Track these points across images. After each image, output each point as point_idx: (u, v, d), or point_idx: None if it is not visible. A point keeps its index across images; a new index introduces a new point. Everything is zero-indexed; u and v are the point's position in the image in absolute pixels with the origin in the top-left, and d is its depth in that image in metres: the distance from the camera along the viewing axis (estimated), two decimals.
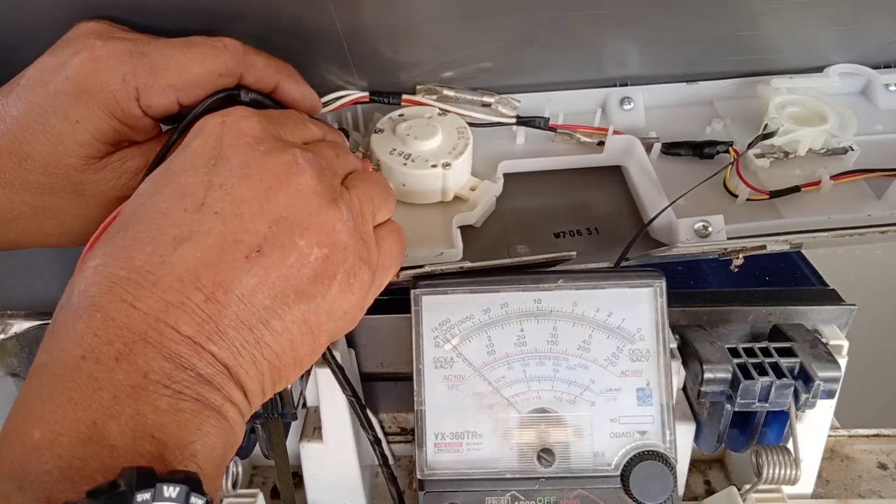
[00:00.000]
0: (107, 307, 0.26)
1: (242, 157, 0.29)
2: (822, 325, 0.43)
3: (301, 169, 0.30)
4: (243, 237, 0.28)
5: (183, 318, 0.26)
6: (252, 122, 0.31)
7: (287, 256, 0.29)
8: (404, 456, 0.51)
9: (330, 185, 0.31)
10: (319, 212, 0.30)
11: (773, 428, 0.41)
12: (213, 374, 0.27)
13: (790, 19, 0.45)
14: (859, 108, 0.50)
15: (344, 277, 0.30)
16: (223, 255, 0.27)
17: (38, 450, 0.23)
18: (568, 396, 0.38)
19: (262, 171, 0.29)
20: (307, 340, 0.30)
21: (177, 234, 0.27)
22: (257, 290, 0.28)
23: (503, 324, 0.38)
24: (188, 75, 0.34)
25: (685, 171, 0.47)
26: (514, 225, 0.46)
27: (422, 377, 0.38)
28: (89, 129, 0.33)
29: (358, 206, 0.32)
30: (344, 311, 0.31)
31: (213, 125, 0.31)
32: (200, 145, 0.30)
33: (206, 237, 0.27)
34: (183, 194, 0.28)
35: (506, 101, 0.47)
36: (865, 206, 0.44)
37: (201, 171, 0.29)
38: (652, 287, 0.38)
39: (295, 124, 0.35)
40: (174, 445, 0.25)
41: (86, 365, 0.25)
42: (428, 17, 0.41)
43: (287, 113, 0.36)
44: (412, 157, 0.43)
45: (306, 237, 0.29)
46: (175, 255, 0.27)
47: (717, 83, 0.51)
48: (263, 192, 0.29)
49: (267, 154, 0.30)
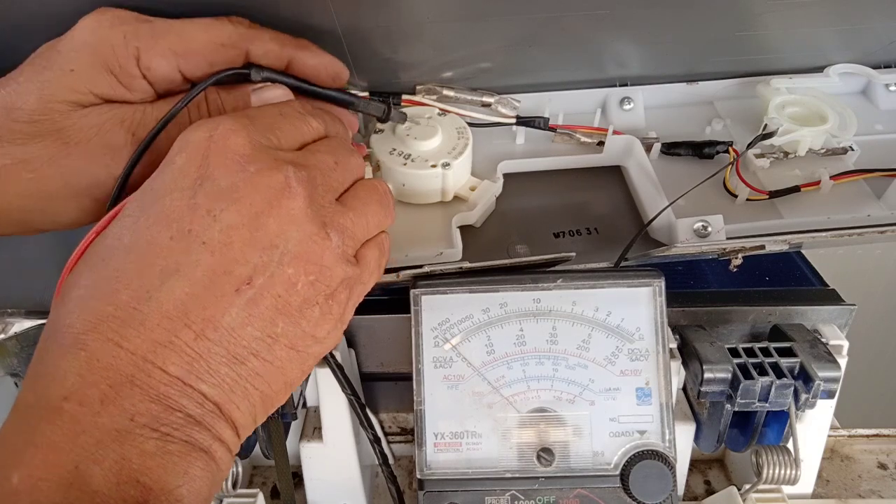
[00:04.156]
0: (91, 346, 0.25)
1: (231, 179, 0.28)
2: (822, 325, 0.43)
3: (293, 193, 0.29)
4: (233, 268, 0.27)
5: (171, 357, 0.25)
6: (241, 138, 0.29)
7: (276, 286, 0.28)
8: (404, 456, 0.51)
9: (322, 207, 0.30)
10: (309, 239, 0.29)
11: (773, 428, 0.41)
12: (203, 413, 0.26)
13: (790, 19, 0.45)
14: (859, 108, 0.50)
15: (324, 300, 0.30)
16: (212, 288, 0.26)
17: (15, 495, 0.22)
18: (567, 396, 0.38)
19: (252, 195, 0.28)
20: (296, 364, 0.29)
21: (163, 267, 0.26)
22: (247, 322, 0.27)
23: (502, 323, 0.38)
24: (189, 42, 0.34)
25: (685, 171, 0.47)
26: (513, 225, 0.46)
27: (421, 377, 0.38)
28: (83, 79, 0.33)
29: (350, 228, 0.31)
30: (327, 332, 0.30)
31: (199, 140, 0.29)
32: (185, 163, 0.28)
33: (194, 269, 0.26)
34: (168, 220, 0.27)
35: (506, 102, 0.47)
36: (865, 206, 0.44)
37: (187, 194, 0.27)
38: (651, 286, 0.38)
39: (292, 123, 0.33)
40: (159, 490, 0.24)
41: (69, 407, 0.24)
42: (428, 17, 0.41)
43: (285, 109, 0.33)
44: (412, 158, 0.43)
45: (294, 265, 0.28)
46: (162, 291, 0.26)
47: (717, 83, 0.51)
48: (253, 219, 0.28)
49: (257, 175, 0.28)
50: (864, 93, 0.52)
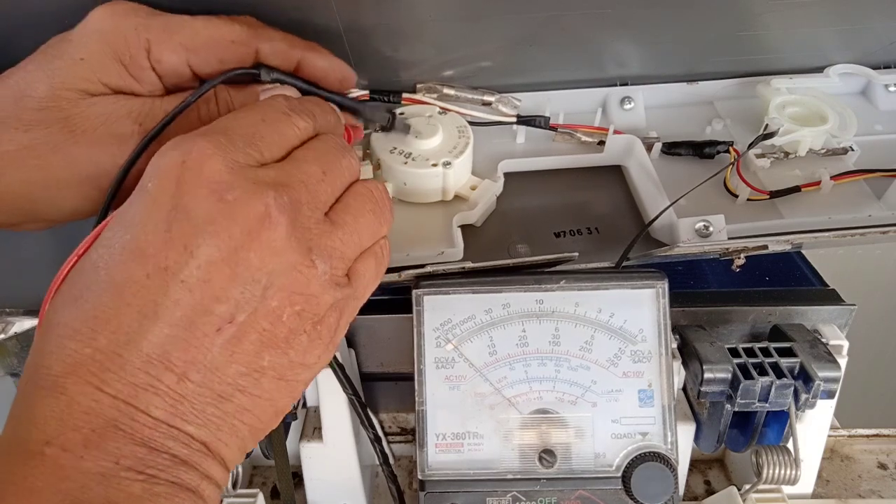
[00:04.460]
0: (71, 390, 0.24)
1: (207, 211, 0.26)
2: (822, 325, 0.43)
3: (274, 223, 0.27)
4: (213, 307, 0.26)
5: (154, 401, 0.25)
6: (216, 163, 0.27)
7: (260, 320, 0.27)
8: (404, 456, 0.51)
9: (307, 230, 0.28)
10: (294, 270, 0.27)
11: (773, 428, 0.41)
12: (190, 453, 0.26)
13: (790, 19, 0.45)
14: (859, 108, 0.50)
15: (312, 328, 0.29)
16: (192, 329, 0.25)
17: None
18: (569, 397, 0.38)
19: (231, 228, 0.26)
20: (285, 393, 0.29)
21: (141, 307, 0.25)
22: (231, 360, 0.26)
23: (505, 324, 0.38)
24: (201, 38, 0.34)
25: (685, 171, 0.47)
26: (514, 224, 0.46)
27: (423, 377, 0.38)
28: (93, 68, 0.33)
29: (340, 247, 0.29)
30: (317, 357, 0.30)
31: (172, 165, 0.27)
32: (159, 191, 0.26)
33: (173, 310, 0.25)
34: (144, 255, 0.25)
35: (506, 100, 0.47)
36: (865, 207, 0.44)
37: (161, 226, 0.26)
38: (654, 288, 0.38)
39: (275, 129, 0.30)
40: None
41: (51, 451, 0.23)
42: (429, 15, 0.41)
43: (267, 113, 0.31)
44: (412, 156, 0.43)
45: (279, 298, 0.27)
46: (141, 333, 0.25)
47: (717, 83, 0.51)
48: (233, 253, 0.26)
49: (235, 205, 0.26)
50: (864, 93, 0.52)
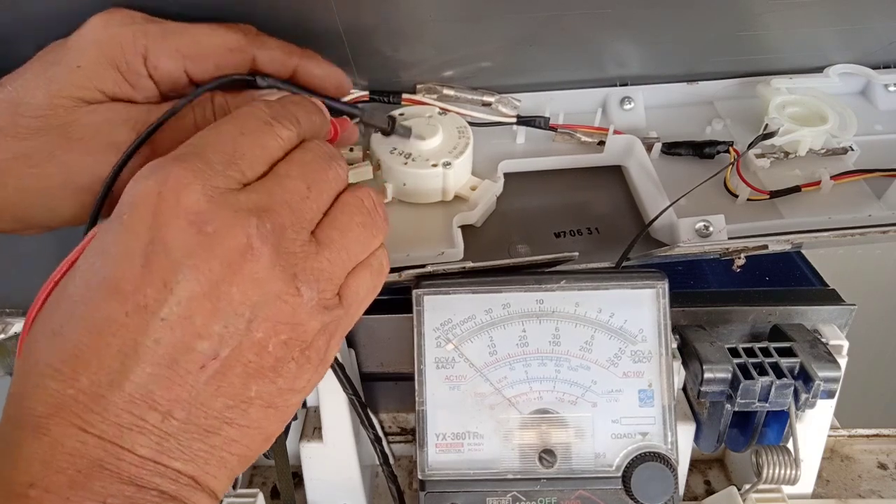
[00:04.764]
0: (54, 431, 0.24)
1: (185, 244, 0.25)
2: (822, 325, 0.43)
3: (256, 254, 0.26)
4: (195, 344, 0.25)
5: (140, 440, 0.24)
6: (194, 193, 0.25)
7: (244, 353, 0.26)
8: (404, 456, 0.51)
9: (292, 255, 0.27)
10: (278, 300, 0.26)
11: (773, 428, 0.41)
12: (179, 488, 0.25)
13: (790, 19, 0.45)
14: (859, 108, 0.50)
15: (300, 354, 0.28)
16: (176, 367, 0.25)
17: None
18: (569, 397, 0.38)
19: (211, 261, 0.25)
20: (275, 419, 0.28)
21: (121, 347, 0.24)
22: (216, 394, 0.26)
23: (505, 324, 0.38)
24: (198, 45, 0.34)
25: (685, 171, 0.47)
26: (514, 224, 0.46)
27: (423, 377, 0.38)
28: (90, 76, 0.33)
29: (328, 269, 0.28)
30: (307, 380, 0.29)
31: (147, 195, 0.26)
32: (133, 222, 0.25)
33: (155, 349, 0.24)
34: (122, 292, 0.25)
35: (506, 101, 0.47)
36: (865, 206, 0.44)
37: (138, 261, 0.25)
38: (654, 288, 0.38)
39: (256, 141, 0.29)
40: None
41: (35, 494, 0.23)
42: (429, 16, 0.41)
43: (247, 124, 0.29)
44: (412, 157, 0.43)
45: (264, 329, 0.26)
46: (123, 374, 0.24)
47: (717, 83, 0.51)
48: (214, 288, 0.25)
49: (215, 238, 0.25)
50: (864, 93, 0.52)
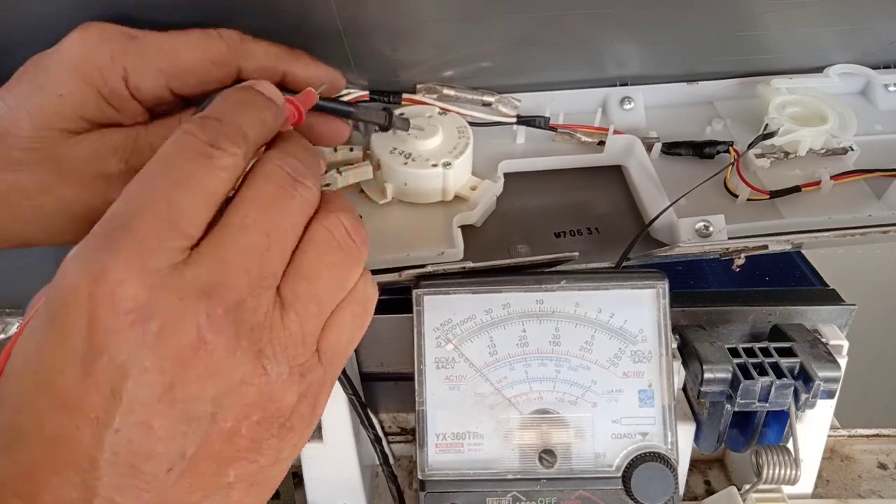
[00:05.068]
0: None
1: (128, 348, 0.22)
2: (822, 325, 0.43)
3: (210, 347, 0.23)
4: (157, 449, 0.23)
5: None
6: (130, 288, 0.22)
7: (214, 445, 0.24)
8: (404, 456, 0.51)
9: (253, 330, 0.24)
10: (242, 385, 0.24)
11: (773, 428, 0.41)
12: None
13: (790, 19, 0.45)
14: (859, 108, 0.50)
15: (279, 429, 0.26)
16: (140, 476, 0.23)
17: None
18: (570, 397, 0.38)
19: (161, 362, 0.23)
20: (261, 495, 0.27)
21: (78, 463, 0.23)
22: (190, 490, 0.24)
23: (505, 324, 0.38)
24: (179, 61, 0.33)
25: (685, 171, 0.47)
26: (514, 224, 0.46)
27: (423, 377, 0.38)
28: (73, 104, 0.33)
29: (297, 329, 0.26)
30: (293, 447, 0.27)
31: (77, 295, 0.22)
32: (67, 327, 0.22)
33: (114, 462, 0.22)
34: (68, 405, 0.22)
35: (506, 101, 0.47)
36: (865, 206, 0.44)
37: (79, 370, 0.22)
38: (655, 288, 0.38)
39: (195, 188, 0.24)
40: None
41: None
42: (429, 15, 0.41)
43: (177, 165, 0.24)
44: (412, 157, 0.43)
45: (232, 417, 0.24)
46: (85, 489, 0.22)
47: (717, 83, 0.51)
48: (168, 390, 0.23)
49: (162, 336, 0.23)
50: (864, 93, 0.52)
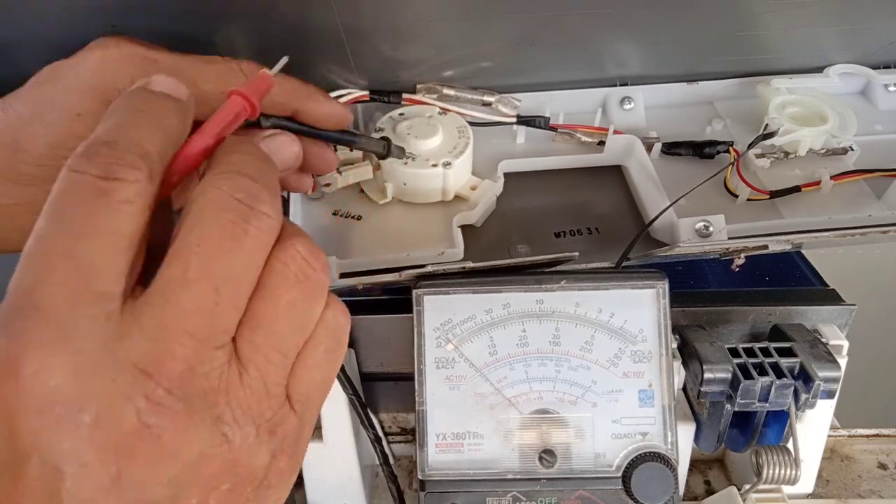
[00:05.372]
0: None
1: (62, 448, 0.20)
2: (822, 325, 0.43)
3: (154, 432, 0.21)
4: None
5: None
6: (53, 378, 0.20)
7: None
8: (404, 456, 0.51)
9: (206, 399, 0.23)
10: (202, 460, 0.22)
11: (773, 428, 0.41)
12: None
13: (790, 19, 0.45)
14: (859, 108, 0.50)
15: (254, 491, 0.25)
16: None
17: None
18: (570, 397, 0.38)
19: (101, 454, 0.20)
20: None
21: None
22: None
23: (505, 324, 0.38)
24: (197, 91, 0.32)
25: (685, 171, 0.47)
26: (514, 224, 0.46)
27: (423, 377, 0.38)
28: (90, 125, 0.32)
29: (258, 388, 0.24)
30: (276, 500, 0.26)
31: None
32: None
33: None
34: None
35: (506, 101, 0.47)
36: (865, 206, 0.44)
37: (8, 476, 0.20)
38: (655, 288, 0.38)
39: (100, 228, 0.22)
40: None
41: None
42: (429, 15, 0.41)
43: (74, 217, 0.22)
44: (413, 157, 0.43)
45: (196, 492, 0.23)
46: None
47: (717, 83, 0.51)
48: (115, 482, 0.21)
49: (98, 426, 0.20)
50: (864, 93, 0.52)
